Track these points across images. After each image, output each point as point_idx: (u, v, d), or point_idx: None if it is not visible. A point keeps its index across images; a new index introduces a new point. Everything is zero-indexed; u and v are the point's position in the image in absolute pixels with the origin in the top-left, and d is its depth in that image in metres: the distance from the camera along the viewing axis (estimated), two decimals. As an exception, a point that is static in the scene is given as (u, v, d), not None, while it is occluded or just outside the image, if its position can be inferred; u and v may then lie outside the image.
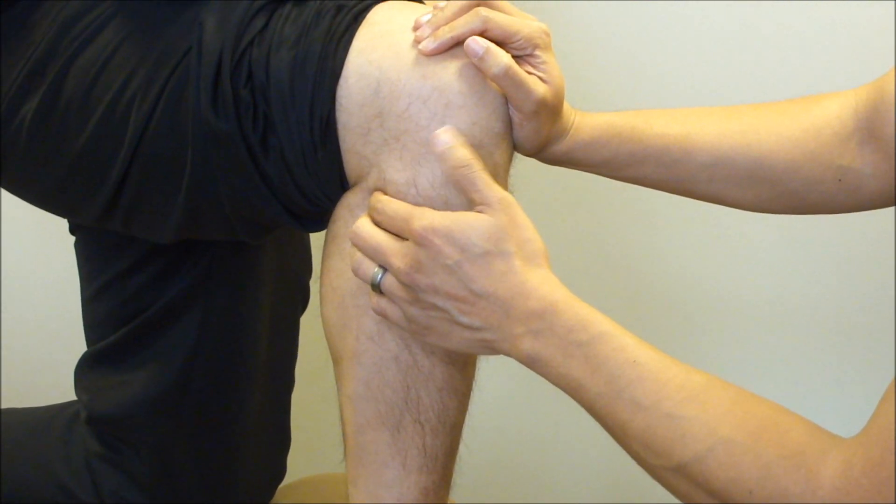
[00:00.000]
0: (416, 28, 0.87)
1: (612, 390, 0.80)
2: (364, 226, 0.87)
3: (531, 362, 0.84)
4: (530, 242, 0.84)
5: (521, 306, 0.83)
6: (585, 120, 0.98)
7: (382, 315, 0.88)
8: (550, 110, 0.91)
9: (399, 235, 0.86)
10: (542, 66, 0.90)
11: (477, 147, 0.86)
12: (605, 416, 0.82)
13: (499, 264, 0.83)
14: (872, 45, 1.47)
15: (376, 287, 0.87)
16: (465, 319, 0.84)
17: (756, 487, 0.75)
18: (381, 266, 0.87)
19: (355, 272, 0.89)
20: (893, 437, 0.71)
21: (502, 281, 0.83)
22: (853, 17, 1.51)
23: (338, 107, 0.87)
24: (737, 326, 1.66)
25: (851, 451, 0.73)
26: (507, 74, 0.86)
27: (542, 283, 0.83)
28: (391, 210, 0.86)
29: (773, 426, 0.77)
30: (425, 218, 0.84)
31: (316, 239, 1.05)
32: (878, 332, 1.58)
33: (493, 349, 0.86)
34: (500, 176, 0.89)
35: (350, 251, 0.89)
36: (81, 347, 1.18)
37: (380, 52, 0.87)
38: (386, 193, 0.87)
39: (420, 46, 0.86)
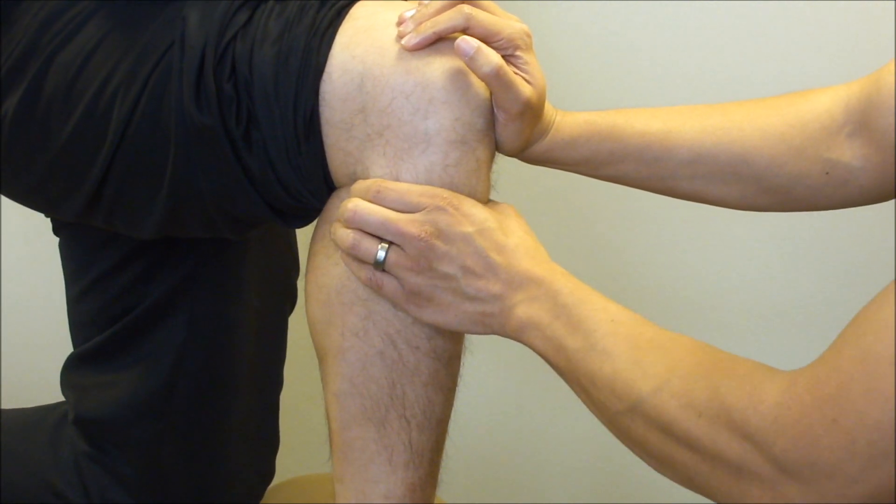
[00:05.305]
0: (399, 23, 0.88)
1: (588, 344, 0.84)
2: (362, 204, 0.87)
3: (521, 329, 0.87)
4: (526, 227, 0.90)
5: (524, 276, 0.87)
6: (566, 119, 0.98)
7: (377, 288, 0.88)
8: (534, 112, 0.91)
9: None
10: (524, 67, 0.90)
11: (460, 143, 0.87)
12: (578, 370, 0.85)
13: (510, 239, 0.88)
14: (871, 45, 1.47)
15: (379, 264, 0.88)
16: (470, 290, 0.87)
17: (704, 408, 0.77)
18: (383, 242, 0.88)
19: (353, 251, 0.88)
20: (841, 357, 0.71)
21: (514, 254, 0.87)
22: (852, 16, 1.50)
23: (321, 102, 0.87)
24: (732, 326, 1.65)
25: (798, 372, 0.74)
26: (497, 75, 0.86)
27: (544, 257, 0.89)
28: (402, 187, 0.87)
29: (727, 360, 0.80)
30: (447, 190, 0.87)
31: (303, 238, 1.05)
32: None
33: (486, 325, 0.89)
34: (483, 172, 0.90)
35: (339, 237, 0.89)
36: (69, 348, 1.18)
37: (363, 48, 0.87)
38: None
39: (403, 41, 0.86)
